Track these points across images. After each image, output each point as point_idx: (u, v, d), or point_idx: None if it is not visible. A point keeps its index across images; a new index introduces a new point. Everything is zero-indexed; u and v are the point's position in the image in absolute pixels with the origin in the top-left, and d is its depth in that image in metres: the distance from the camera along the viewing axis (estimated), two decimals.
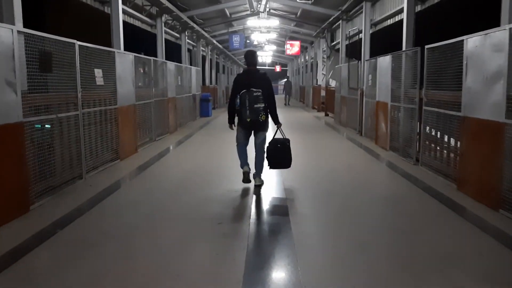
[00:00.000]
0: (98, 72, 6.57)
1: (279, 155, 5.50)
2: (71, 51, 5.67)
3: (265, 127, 5.53)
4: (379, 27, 11.26)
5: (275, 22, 19.49)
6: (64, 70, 5.50)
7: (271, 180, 6.12)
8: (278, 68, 47.26)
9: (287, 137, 5.62)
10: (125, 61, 7.79)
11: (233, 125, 5.73)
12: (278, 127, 5.63)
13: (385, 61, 8.88)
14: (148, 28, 12.09)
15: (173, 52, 16.23)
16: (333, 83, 17.78)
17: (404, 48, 8.28)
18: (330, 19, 15.75)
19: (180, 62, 15.65)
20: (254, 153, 5.63)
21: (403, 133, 7.91)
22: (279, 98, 29.87)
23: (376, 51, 11.11)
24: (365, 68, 10.95)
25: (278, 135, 5.64)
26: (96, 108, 6.58)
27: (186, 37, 16.28)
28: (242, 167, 5.62)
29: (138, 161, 7.50)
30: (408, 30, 8.13)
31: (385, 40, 11.17)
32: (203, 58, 21.90)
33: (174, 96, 12.11)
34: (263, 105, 5.31)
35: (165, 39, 15.06)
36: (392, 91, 8.49)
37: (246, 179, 5.57)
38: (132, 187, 5.80)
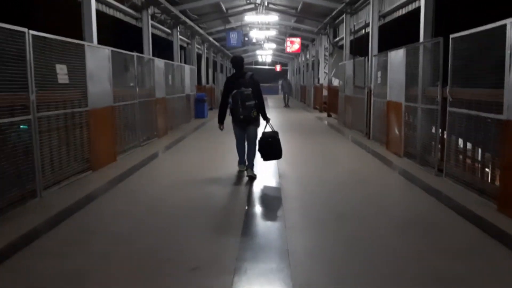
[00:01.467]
0: (60, 69, 5.51)
1: (270, 147, 5.90)
2: (21, 42, 4.61)
3: (256, 123, 5.98)
4: (388, 19, 10.18)
5: (274, 17, 18.38)
6: (10, 65, 4.44)
7: (268, 199, 5.08)
8: (278, 68, 46.08)
9: (276, 131, 6.03)
10: (99, 56, 6.73)
11: (222, 125, 6.16)
12: (267, 122, 6.02)
13: (397, 56, 7.81)
14: (133, 22, 10.99)
15: (166, 49, 15.16)
16: (335, 82, 16.72)
17: (421, 39, 7.20)
18: (333, 13, 14.67)
19: (172, 60, 14.59)
20: (246, 147, 6.10)
21: (421, 137, 6.84)
22: (278, 99, 28.88)
23: (384, 46, 10.05)
24: (373, 65, 9.88)
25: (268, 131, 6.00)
26: (58, 111, 5.51)
27: (179, 33, 15.19)
28: (239, 164, 6.37)
29: (113, 172, 6.44)
30: (426, 18, 7.03)
31: (396, 33, 10.10)
32: (199, 56, 20.84)
33: (163, 96, 11.05)
34: (253, 102, 5.73)
35: (156, 36, 14.02)
36: (406, 89, 7.42)
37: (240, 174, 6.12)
38: (95, 209, 4.71)
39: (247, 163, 6.10)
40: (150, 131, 9.93)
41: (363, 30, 12.29)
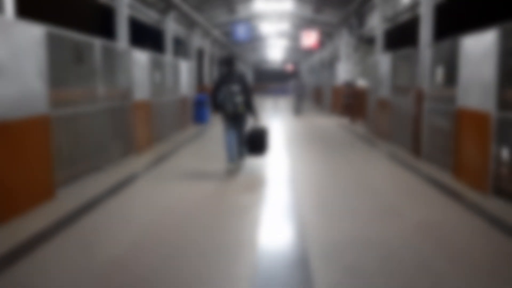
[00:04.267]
0: None
1: (255, 142, 6.10)
2: None
3: (244, 118, 6.26)
4: None
5: (287, 5, 15.79)
6: None
7: None
8: (290, 66, 43.38)
9: (267, 129, 6.27)
10: (17, 39, 4.22)
11: (217, 112, 6.25)
12: (255, 119, 6.25)
13: (480, 42, 5.18)
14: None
15: (161, 43, 12.67)
16: (361, 82, 14.08)
17: None
18: None
19: (166, 54, 12.09)
20: (235, 141, 6.20)
21: None
22: (290, 100, 26.04)
23: (440, 35, 7.42)
24: (425, 58, 7.24)
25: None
26: None
27: (172, 22, 12.66)
28: (227, 162, 6.22)
29: (32, 226, 3.92)
30: None
31: (461, 14, 7.43)
32: (202, 52, 18.33)
33: (146, 99, 8.54)
34: (242, 99, 6.01)
35: (150, 26, 11.55)
36: (499, 91, 4.80)
37: (228, 173, 6.13)
38: None
39: (235, 158, 6.18)
40: (124, 146, 7.42)
41: (409, 14, 9.66)
